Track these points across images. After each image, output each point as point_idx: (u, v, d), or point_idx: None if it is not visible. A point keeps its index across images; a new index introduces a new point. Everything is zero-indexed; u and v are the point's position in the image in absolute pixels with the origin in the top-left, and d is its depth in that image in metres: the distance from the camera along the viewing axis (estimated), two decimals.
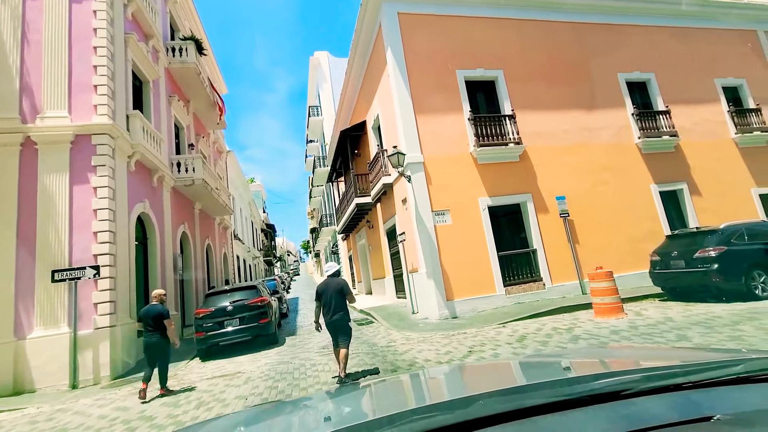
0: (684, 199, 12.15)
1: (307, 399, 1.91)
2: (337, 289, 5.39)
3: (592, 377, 1.09)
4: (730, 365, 1.04)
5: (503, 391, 1.06)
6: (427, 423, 0.85)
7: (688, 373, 1.00)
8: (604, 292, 7.19)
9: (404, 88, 10.49)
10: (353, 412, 1.34)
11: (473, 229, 10.14)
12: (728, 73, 13.76)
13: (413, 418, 0.89)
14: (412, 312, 10.51)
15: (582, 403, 0.90)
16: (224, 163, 22.21)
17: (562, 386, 1.04)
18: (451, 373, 1.94)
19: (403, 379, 2.05)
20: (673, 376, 1.00)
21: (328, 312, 5.35)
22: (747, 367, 0.99)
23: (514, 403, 0.90)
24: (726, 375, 0.98)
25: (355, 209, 14.36)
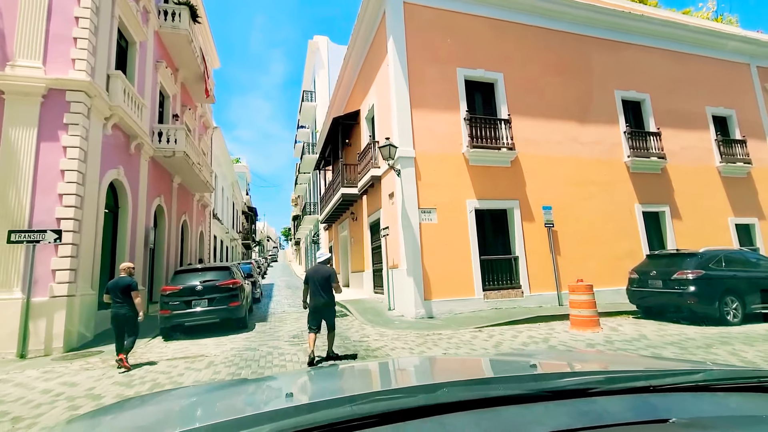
0: (665, 222, 12.35)
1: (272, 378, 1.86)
2: (325, 276, 5.71)
3: (557, 375, 1.14)
4: (691, 374, 1.09)
5: (468, 381, 1.09)
6: (389, 404, 0.85)
7: (649, 378, 1.04)
8: (583, 304, 7.16)
9: (402, 80, 10.23)
10: (317, 390, 1.34)
11: (458, 231, 10.02)
12: (719, 102, 14.03)
13: (375, 398, 0.90)
14: (389, 308, 10.33)
15: (545, 399, 0.92)
16: (209, 139, 21.50)
17: (527, 381, 1.06)
18: (419, 363, 1.96)
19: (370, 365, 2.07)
20: (635, 379, 1.05)
21: (314, 296, 5.68)
22: (706, 376, 1.03)
23: (477, 393, 0.93)
24: (685, 382, 1.01)
25: (341, 199, 14.06)
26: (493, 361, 1.74)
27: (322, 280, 5.68)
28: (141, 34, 10.96)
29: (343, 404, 0.85)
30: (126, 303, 5.89)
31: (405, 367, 1.78)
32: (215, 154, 23.05)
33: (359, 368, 1.89)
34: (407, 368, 1.75)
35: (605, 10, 12.57)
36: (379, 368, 1.75)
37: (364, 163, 12.50)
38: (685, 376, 1.06)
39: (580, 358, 1.88)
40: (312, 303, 5.71)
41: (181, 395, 1.39)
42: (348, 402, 0.86)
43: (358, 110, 14.24)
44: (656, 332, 7.04)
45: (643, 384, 1.00)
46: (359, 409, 0.82)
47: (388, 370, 1.71)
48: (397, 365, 1.86)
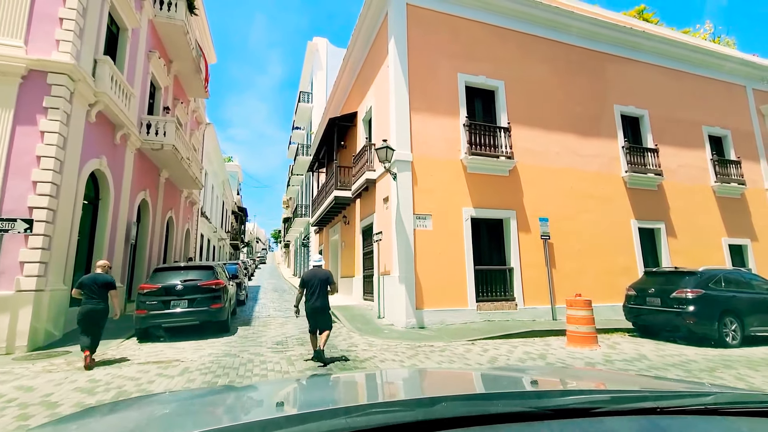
0: (660, 239, 12.24)
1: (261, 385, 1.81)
2: (323, 279, 5.92)
3: (560, 393, 1.10)
4: (700, 395, 1.05)
5: (468, 396, 1.06)
6: (385, 418, 0.82)
7: (657, 399, 1.00)
8: (581, 320, 6.90)
9: (402, 82, 9.99)
10: (308, 401, 1.30)
11: (453, 239, 9.74)
12: (715, 122, 14.09)
13: (371, 411, 0.87)
14: (378, 316, 9.96)
15: (547, 417, 0.88)
16: (202, 135, 21.02)
17: (529, 398, 1.03)
18: (416, 375, 1.90)
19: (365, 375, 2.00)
20: (641, 399, 1.02)
21: (312, 298, 5.83)
22: (717, 399, 1.00)
23: (477, 408, 0.90)
24: (694, 404, 0.98)
25: (333, 202, 13.71)
26: (493, 376, 1.67)
27: (321, 283, 5.89)
28: (133, 20, 10.56)
29: (338, 416, 0.83)
30: (102, 300, 5.85)
31: (401, 379, 1.73)
32: (206, 150, 22.54)
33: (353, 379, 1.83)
34: (404, 380, 1.70)
35: (608, 25, 12.55)
36: (375, 379, 1.68)
37: (359, 165, 12.19)
38: (694, 399, 1.03)
39: (583, 375, 1.80)
40: (310, 305, 5.84)
41: (164, 401, 1.34)
42: (343, 414, 0.83)
43: (355, 112, 13.97)
44: (655, 352, 6.80)
45: (650, 405, 0.96)
46: (354, 422, 0.78)
47: (383, 381, 1.64)
48: (393, 377, 1.81)
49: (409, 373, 2.10)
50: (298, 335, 7.97)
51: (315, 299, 5.80)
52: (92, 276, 6.04)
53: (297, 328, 8.86)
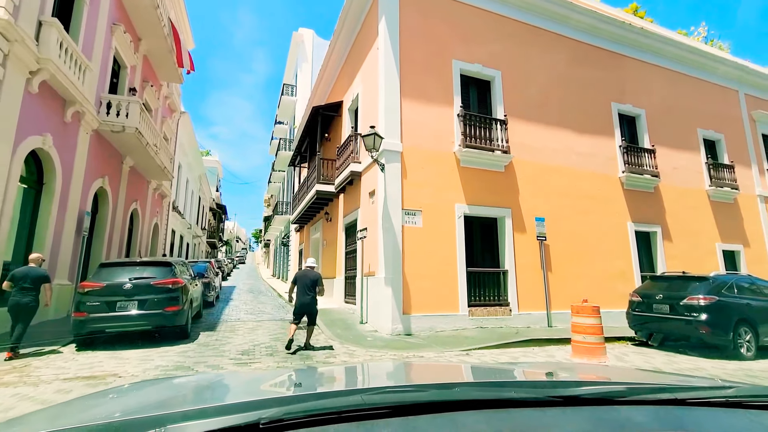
0: (656, 243, 11.76)
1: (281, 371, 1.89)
2: (313, 279, 6.62)
3: (575, 383, 1.09)
4: (721, 388, 1.02)
5: (481, 383, 1.13)
6: (400, 397, 0.84)
7: (675, 390, 0.98)
8: (588, 329, 6.16)
9: (393, 65, 9.15)
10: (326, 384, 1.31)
11: (444, 237, 8.93)
12: (710, 125, 13.80)
13: (386, 390, 0.89)
14: (361, 321, 9.04)
15: (561, 405, 0.87)
16: (175, 124, 19.68)
17: (543, 387, 1.05)
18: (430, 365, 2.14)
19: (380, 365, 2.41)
20: (659, 391, 0.99)
21: (302, 294, 6.53)
22: (738, 392, 0.97)
23: (490, 393, 0.91)
24: (716, 396, 0.95)
25: (315, 197, 12.74)
26: (508, 369, 1.64)
27: (310, 282, 6.58)
28: None
29: (353, 394, 0.85)
30: (32, 293, 5.79)
31: (416, 368, 1.73)
32: (181, 141, 21.16)
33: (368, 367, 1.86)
34: (418, 369, 1.70)
35: (608, 20, 12.06)
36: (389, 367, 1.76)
37: (344, 157, 11.27)
38: (714, 391, 1.00)
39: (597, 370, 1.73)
40: (299, 300, 6.55)
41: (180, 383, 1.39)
42: (358, 392, 0.85)
43: (341, 101, 13.05)
44: (669, 365, 6.13)
45: (668, 396, 0.93)
46: (369, 399, 0.80)
47: (398, 369, 1.67)
48: (407, 366, 1.80)
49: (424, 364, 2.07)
50: (269, 343, 6.97)
51: (304, 296, 6.52)
52: (25, 269, 5.89)
53: (268, 334, 7.85)
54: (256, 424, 0.69)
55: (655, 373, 1.78)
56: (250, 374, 1.46)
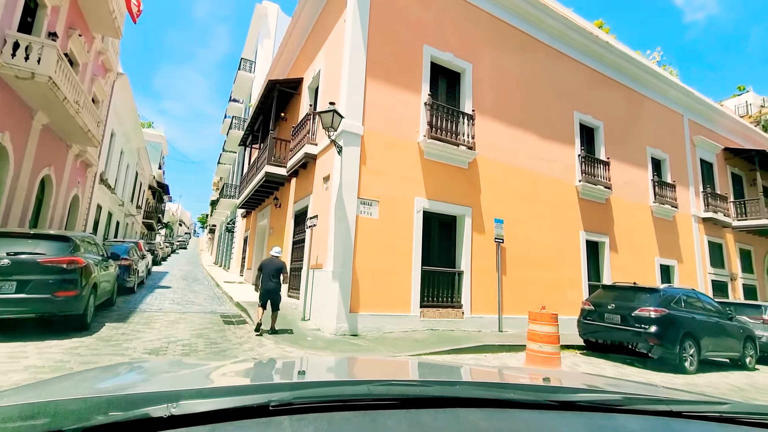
0: (604, 253, 12.01)
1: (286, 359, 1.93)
2: (278, 266, 7.16)
3: (573, 390, 1.11)
4: (716, 404, 1.03)
5: (482, 383, 1.15)
6: (405, 390, 0.87)
7: (672, 403, 0.99)
8: (545, 338, 5.81)
9: (360, 41, 8.36)
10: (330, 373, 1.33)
11: (401, 232, 8.31)
12: (658, 145, 14.45)
13: (391, 383, 0.90)
14: (303, 318, 8.18)
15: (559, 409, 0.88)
16: (110, 86, 17.37)
17: (543, 391, 1.04)
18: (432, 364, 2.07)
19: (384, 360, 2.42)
20: (655, 402, 1.01)
21: (267, 281, 7.02)
22: (732, 408, 0.98)
23: (491, 393, 0.92)
24: (710, 411, 0.97)
25: (263, 179, 11.61)
26: (507, 371, 1.69)
27: (275, 270, 7.12)
28: None
29: (360, 384, 0.87)
30: None
31: (419, 365, 1.74)
32: (116, 106, 18.78)
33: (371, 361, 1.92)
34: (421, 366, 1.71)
35: (578, 29, 12.10)
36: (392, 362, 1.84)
37: (299, 138, 10.30)
38: (709, 406, 1.02)
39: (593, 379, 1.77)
40: (264, 286, 7.02)
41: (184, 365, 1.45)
42: (365, 383, 0.87)
43: (301, 78, 12.02)
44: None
45: (664, 408, 0.95)
46: (375, 390, 0.81)
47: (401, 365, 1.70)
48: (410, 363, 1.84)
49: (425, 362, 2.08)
50: (188, 340, 5.92)
51: (268, 282, 7.02)
52: None
53: (191, 329, 6.76)
54: (266, 405, 0.71)
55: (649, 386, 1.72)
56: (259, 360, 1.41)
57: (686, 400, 1.08)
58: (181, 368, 1.30)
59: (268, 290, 6.99)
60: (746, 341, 7.77)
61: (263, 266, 7.16)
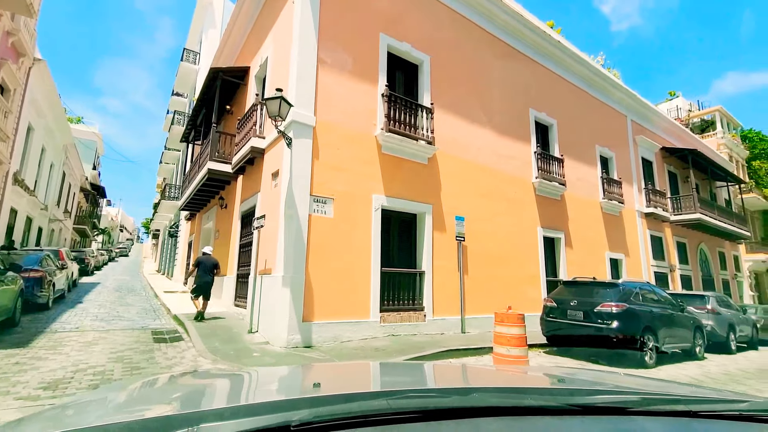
0: (560, 248, 12.17)
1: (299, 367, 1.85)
2: (214, 262, 8.70)
3: (591, 391, 1.09)
4: (735, 402, 1.03)
5: (500, 388, 1.09)
6: (423, 402, 0.86)
7: (690, 403, 0.99)
8: (512, 340, 5.47)
9: (311, 23, 7.68)
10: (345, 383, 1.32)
11: (358, 232, 7.72)
12: (605, 144, 15.00)
13: (409, 395, 0.89)
14: (249, 330, 7.32)
15: (578, 414, 0.88)
16: (24, 72, 15.20)
17: (561, 395, 1.04)
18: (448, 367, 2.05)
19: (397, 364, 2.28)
20: (673, 402, 1.01)
21: (204, 275, 8.42)
22: (752, 406, 0.97)
23: (510, 400, 0.92)
24: (729, 410, 0.96)
25: (206, 177, 10.52)
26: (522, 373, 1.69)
27: (211, 265, 8.59)
28: None
29: (379, 398, 0.86)
30: None
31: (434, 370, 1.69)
32: (33, 97, 16.52)
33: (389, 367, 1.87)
34: (436, 371, 1.67)
35: (531, 27, 12.19)
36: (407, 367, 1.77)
37: (245, 130, 9.39)
38: (728, 404, 1.02)
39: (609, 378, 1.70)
40: (202, 279, 8.31)
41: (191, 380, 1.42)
42: (384, 396, 0.86)
43: (247, 67, 11.06)
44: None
45: (682, 408, 0.95)
46: (395, 404, 0.81)
47: (416, 370, 1.68)
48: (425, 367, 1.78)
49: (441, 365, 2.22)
50: (103, 366, 4.92)
51: (206, 276, 8.35)
52: None
53: (110, 351, 5.71)
54: (287, 425, 0.71)
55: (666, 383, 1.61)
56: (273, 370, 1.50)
57: (705, 398, 1.08)
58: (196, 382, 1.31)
59: (207, 282, 8.34)
60: (696, 331, 8.01)
61: (201, 262, 8.49)
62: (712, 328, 8.97)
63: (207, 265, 8.45)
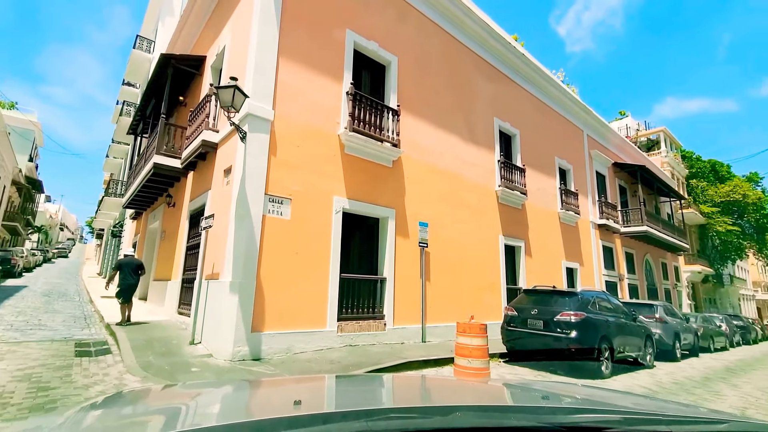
0: (520, 257, 12.31)
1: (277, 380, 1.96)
2: (138, 263, 8.48)
3: (573, 410, 1.10)
4: (715, 422, 1.02)
5: (483, 407, 1.08)
6: (404, 423, 0.85)
7: (671, 423, 0.99)
8: (475, 351, 5.25)
9: (272, 11, 7.21)
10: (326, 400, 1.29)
11: (317, 235, 7.27)
12: (564, 156, 15.51)
13: (390, 416, 0.88)
14: (191, 341, 6.63)
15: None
16: None
17: (543, 413, 1.02)
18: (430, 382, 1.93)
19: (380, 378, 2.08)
20: (656, 423, 1.01)
21: (127, 278, 8.09)
22: (731, 427, 0.98)
23: (492, 420, 0.92)
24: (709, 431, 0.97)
25: (152, 172, 9.63)
26: (505, 388, 1.61)
27: (135, 267, 8.36)
28: None
29: (359, 418, 0.84)
30: None
31: (416, 385, 1.69)
32: None
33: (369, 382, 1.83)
34: (419, 387, 1.66)
35: (497, 37, 12.36)
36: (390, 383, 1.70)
37: (198, 123, 8.68)
38: (708, 425, 1.02)
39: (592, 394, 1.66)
40: (126, 282, 8.07)
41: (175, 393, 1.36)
42: (364, 416, 0.85)
43: (204, 56, 10.33)
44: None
45: (664, 429, 0.95)
46: (374, 425, 0.80)
47: (398, 385, 1.63)
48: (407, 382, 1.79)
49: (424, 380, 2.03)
50: (2, 387, 4.14)
51: (131, 278, 8.11)
52: None
53: (18, 366, 4.87)
54: None
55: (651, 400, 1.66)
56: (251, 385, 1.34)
57: (686, 419, 1.07)
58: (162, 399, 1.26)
59: (132, 285, 8.07)
60: (646, 340, 8.24)
61: (123, 264, 8.18)
62: (660, 336, 9.31)
63: (131, 266, 8.21)
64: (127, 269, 8.17)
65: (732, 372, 8.77)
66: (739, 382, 7.42)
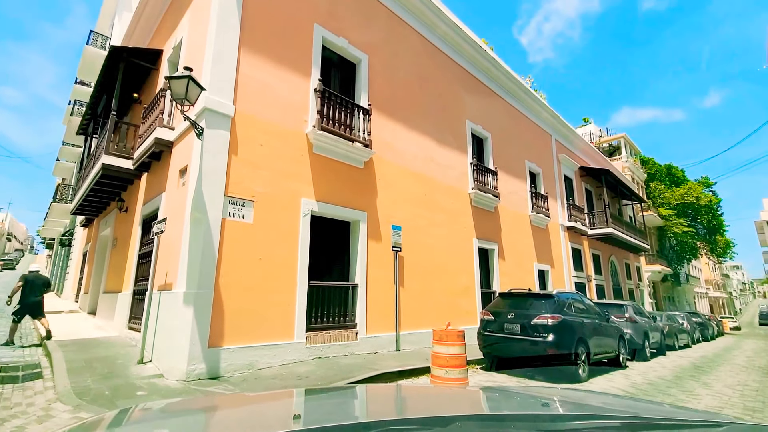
0: (493, 260, 12.22)
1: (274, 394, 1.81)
2: (45, 281, 7.86)
3: (573, 416, 1.10)
4: (713, 426, 1.01)
5: (482, 416, 1.09)
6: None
7: (670, 428, 1.00)
8: (452, 360, 4.93)
9: (234, 1, 6.71)
10: (325, 413, 1.26)
11: (284, 239, 6.77)
12: (534, 160, 15.71)
13: (389, 428, 0.87)
14: (140, 360, 5.94)
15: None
16: None
17: (543, 420, 1.03)
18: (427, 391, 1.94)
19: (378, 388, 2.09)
20: (654, 427, 1.01)
21: (32, 294, 7.47)
22: (730, 430, 0.96)
23: (493, 429, 0.93)
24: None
25: (101, 174, 8.80)
26: (504, 395, 1.62)
27: (41, 284, 7.68)
28: None
29: (358, 431, 0.86)
30: None
31: (414, 395, 1.64)
32: None
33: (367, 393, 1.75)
34: (417, 396, 1.61)
35: (469, 41, 12.34)
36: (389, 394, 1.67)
37: (151, 119, 7.99)
38: (706, 429, 1.01)
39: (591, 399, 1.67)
40: (29, 299, 7.40)
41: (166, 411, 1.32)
42: (362, 429, 0.86)
43: (160, 50, 9.61)
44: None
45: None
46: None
47: (396, 396, 1.59)
48: (405, 392, 1.73)
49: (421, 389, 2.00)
50: None
51: (35, 296, 7.52)
52: None
53: None
54: None
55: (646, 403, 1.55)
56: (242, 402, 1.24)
57: (684, 423, 1.06)
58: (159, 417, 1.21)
59: (37, 303, 7.50)
60: (619, 340, 8.24)
61: (30, 280, 7.54)
62: (630, 336, 9.39)
63: (37, 283, 7.61)
64: (31, 286, 7.52)
65: (700, 370, 8.94)
66: (708, 380, 7.52)
